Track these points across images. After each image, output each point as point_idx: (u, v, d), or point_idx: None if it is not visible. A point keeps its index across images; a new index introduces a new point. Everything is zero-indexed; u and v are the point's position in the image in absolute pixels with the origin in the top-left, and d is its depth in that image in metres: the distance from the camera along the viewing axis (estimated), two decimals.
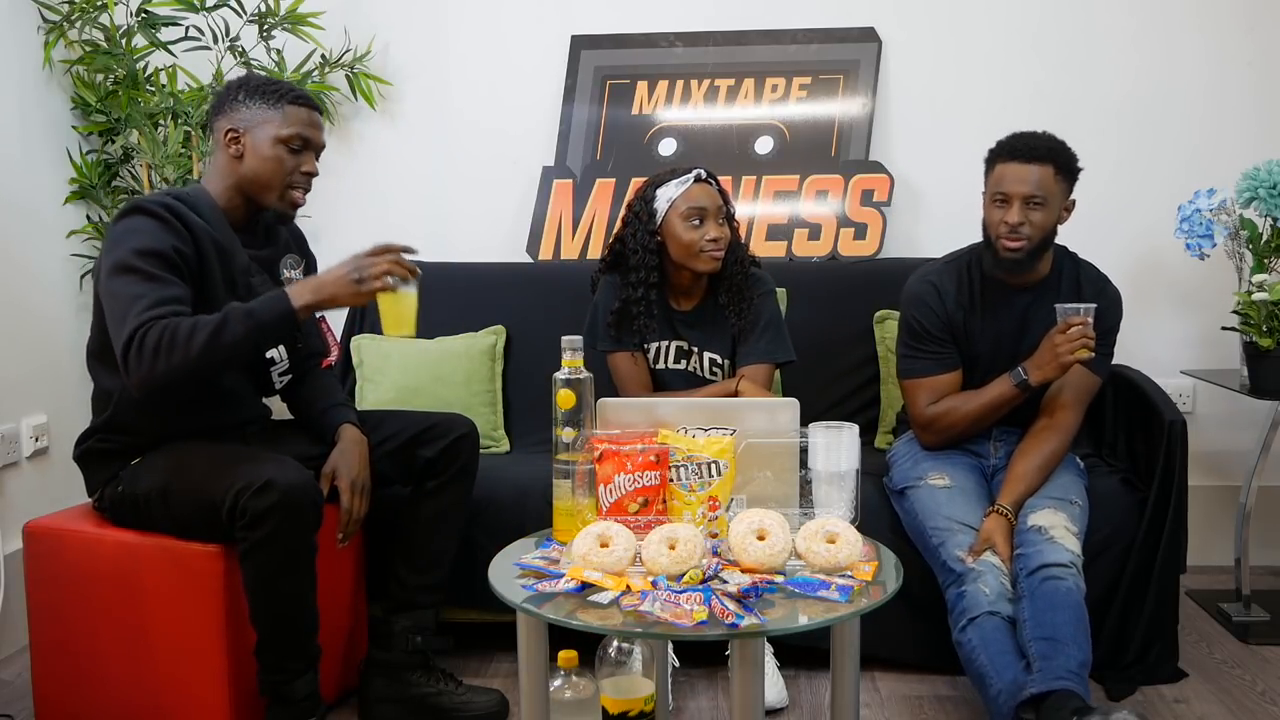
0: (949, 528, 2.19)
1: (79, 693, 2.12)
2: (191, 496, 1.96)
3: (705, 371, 2.47)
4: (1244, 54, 3.04)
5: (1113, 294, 2.37)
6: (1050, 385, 2.29)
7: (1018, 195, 2.24)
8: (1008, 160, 2.27)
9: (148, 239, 1.94)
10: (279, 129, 2.08)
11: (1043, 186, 2.23)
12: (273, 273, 2.19)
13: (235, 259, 2.07)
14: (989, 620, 2.03)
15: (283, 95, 2.10)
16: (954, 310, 2.37)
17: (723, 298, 2.44)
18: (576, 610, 1.50)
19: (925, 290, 2.39)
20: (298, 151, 2.10)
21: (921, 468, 2.35)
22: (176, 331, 1.85)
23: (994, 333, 2.36)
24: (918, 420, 2.40)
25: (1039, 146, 2.25)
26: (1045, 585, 2.02)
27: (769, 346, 2.42)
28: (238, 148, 2.09)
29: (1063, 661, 1.91)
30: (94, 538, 2.09)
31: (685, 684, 2.37)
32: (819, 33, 3.12)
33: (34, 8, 2.83)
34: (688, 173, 2.38)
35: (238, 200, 2.12)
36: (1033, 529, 2.14)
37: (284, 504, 1.86)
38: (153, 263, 1.92)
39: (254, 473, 1.87)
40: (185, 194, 2.08)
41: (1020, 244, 2.25)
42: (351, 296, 1.93)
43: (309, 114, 2.12)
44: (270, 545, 1.88)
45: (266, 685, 1.98)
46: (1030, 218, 2.24)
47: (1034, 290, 2.35)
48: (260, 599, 1.93)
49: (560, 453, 1.77)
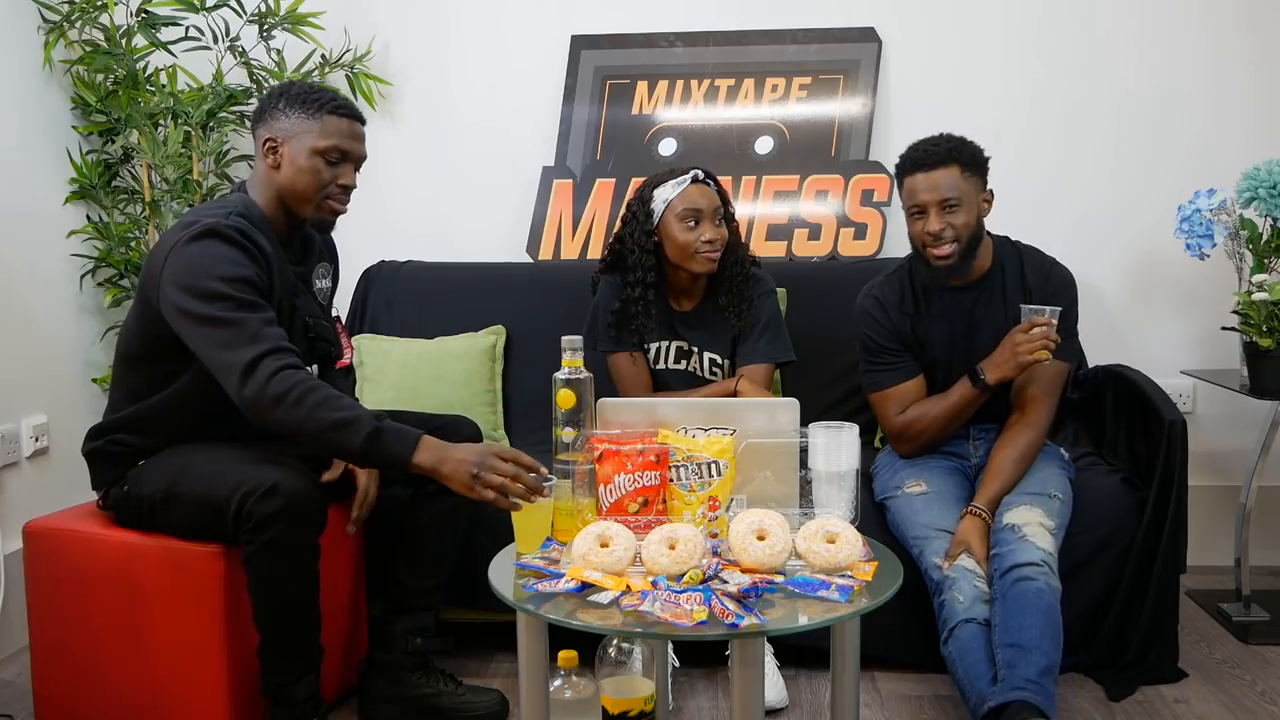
0: (926, 535, 2.20)
1: (79, 693, 2.12)
2: (196, 500, 1.96)
3: (705, 371, 2.47)
4: (1244, 53, 3.04)
5: (1061, 274, 2.37)
6: (1015, 380, 2.30)
7: (932, 203, 2.25)
8: (913, 172, 2.28)
9: (234, 267, 1.92)
10: (316, 140, 2.04)
11: (953, 188, 2.24)
12: (309, 284, 2.18)
13: (286, 278, 2.07)
14: (965, 629, 2.04)
15: (323, 105, 2.05)
16: (900, 320, 2.38)
17: (722, 299, 2.44)
18: (576, 610, 1.50)
19: (869, 305, 2.42)
20: (335, 164, 2.06)
21: (899, 477, 2.36)
22: (308, 394, 1.84)
23: (945, 334, 2.37)
24: (890, 432, 2.42)
25: (938, 150, 2.26)
26: (1016, 587, 2.03)
27: (768, 347, 2.42)
28: (275, 158, 2.06)
29: (1024, 670, 1.92)
30: (94, 538, 2.08)
31: (685, 684, 2.37)
32: (819, 33, 3.12)
33: (34, 8, 2.83)
34: (685, 173, 2.39)
35: (280, 212, 2.09)
36: (1007, 527, 2.15)
37: (289, 508, 1.86)
38: (245, 290, 1.91)
39: (259, 476, 1.87)
40: (242, 209, 2.04)
41: (948, 249, 2.26)
42: (463, 488, 1.84)
43: (350, 125, 2.08)
44: (275, 548, 1.88)
45: (269, 686, 1.98)
46: (950, 221, 2.25)
47: (977, 286, 2.36)
48: (264, 601, 1.93)
49: (560, 453, 1.77)
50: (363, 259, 3.07)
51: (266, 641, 1.96)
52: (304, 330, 2.11)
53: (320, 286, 2.23)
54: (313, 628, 1.99)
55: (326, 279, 2.26)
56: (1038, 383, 2.31)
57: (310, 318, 2.13)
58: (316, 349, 2.16)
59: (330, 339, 2.19)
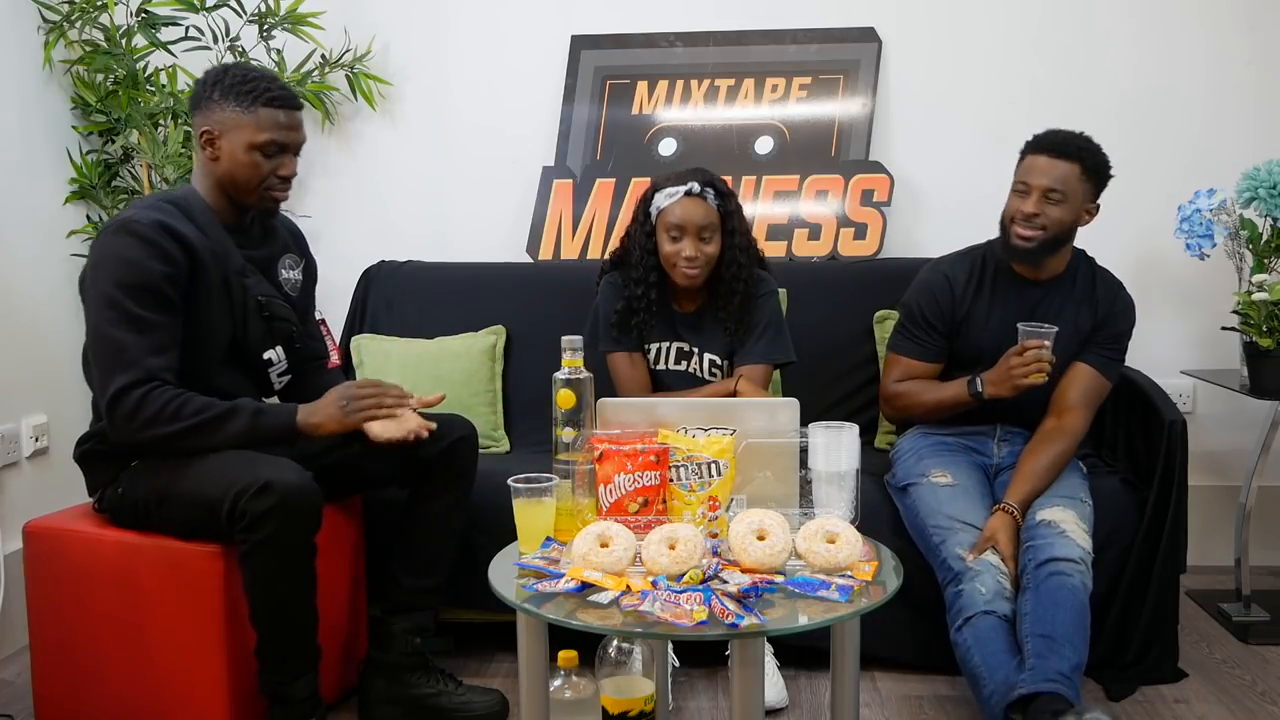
0: (950, 526, 2.19)
1: (79, 693, 2.12)
2: (190, 499, 1.95)
3: (705, 373, 2.47)
4: (1244, 53, 3.04)
5: (1125, 300, 2.42)
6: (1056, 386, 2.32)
7: (1038, 187, 2.29)
8: (1036, 153, 2.33)
9: (133, 271, 1.92)
10: (252, 135, 2.01)
11: (1064, 182, 2.28)
12: (270, 272, 2.18)
13: (230, 260, 2.06)
14: (984, 620, 2.03)
15: (257, 97, 2.01)
16: (960, 298, 2.40)
17: (720, 311, 2.43)
18: (576, 610, 1.50)
19: (935, 280, 2.45)
20: (273, 156, 2.04)
21: (924, 464, 2.35)
22: (183, 405, 1.93)
23: (1000, 322, 2.38)
24: (883, 391, 2.51)
25: (1069, 144, 2.31)
26: (1051, 580, 2.02)
27: (767, 347, 2.42)
28: (213, 150, 2.04)
29: (1055, 662, 1.91)
30: (94, 538, 2.08)
31: (685, 684, 2.37)
32: (819, 33, 3.12)
33: (34, 8, 2.83)
34: (683, 184, 2.34)
35: (223, 201, 2.08)
36: (1043, 523, 2.15)
37: (283, 506, 1.86)
38: (140, 300, 1.92)
39: (252, 475, 1.87)
40: (178, 198, 2.06)
41: (1033, 234, 2.30)
42: (338, 424, 2.03)
43: (285, 115, 2.04)
44: (270, 547, 1.88)
45: (267, 685, 1.98)
46: (1047, 210, 2.29)
47: (1045, 286, 2.39)
48: (260, 600, 1.93)
49: (560, 453, 1.77)
50: (363, 259, 3.07)
51: (263, 640, 1.96)
52: (257, 309, 2.09)
53: (287, 277, 2.20)
54: (309, 627, 1.98)
55: (295, 270, 2.24)
56: (1079, 391, 2.34)
57: (264, 296, 2.10)
58: (276, 329, 2.13)
59: (290, 318, 2.16)
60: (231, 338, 2.08)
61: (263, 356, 2.14)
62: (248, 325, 2.08)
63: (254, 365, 2.14)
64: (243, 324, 2.08)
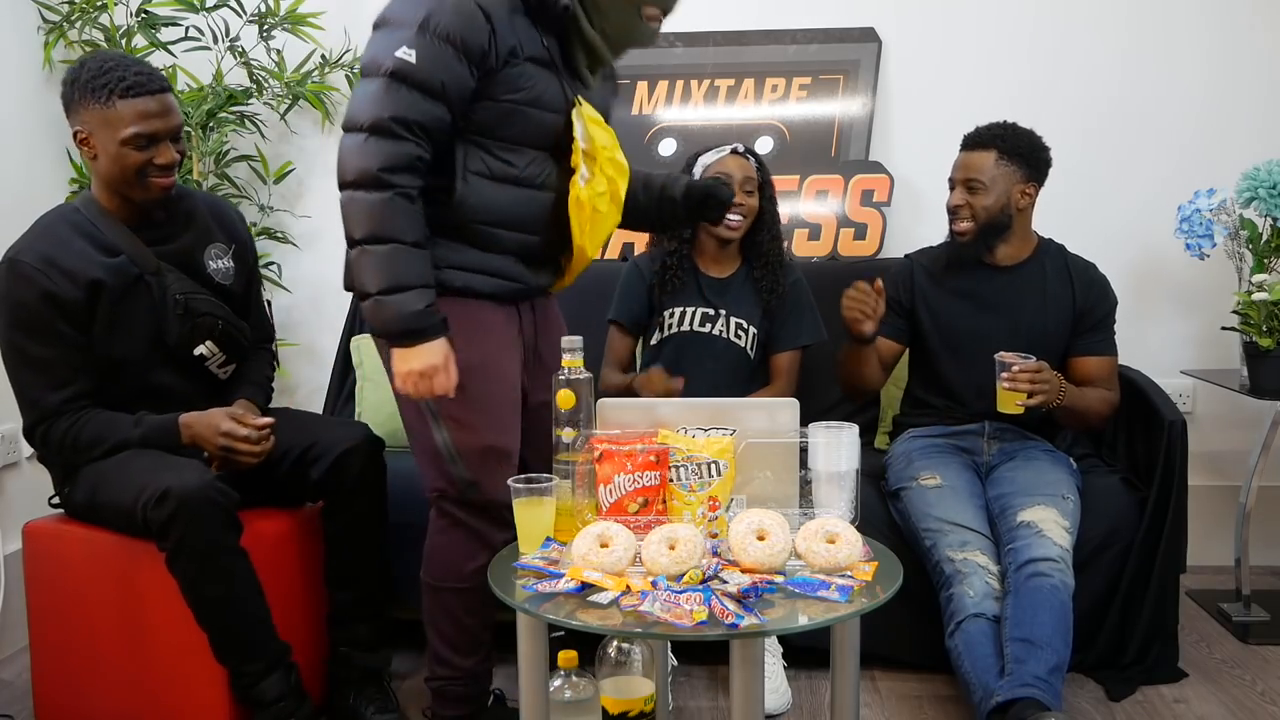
0: (940, 529, 2.20)
1: (79, 693, 2.12)
2: (113, 509, 1.98)
3: (730, 335, 2.54)
4: (1244, 53, 3.04)
5: (1099, 280, 2.48)
6: None
7: (959, 180, 2.43)
8: (960, 151, 2.46)
9: (22, 312, 1.96)
10: (116, 130, 1.93)
11: (981, 171, 2.38)
12: (193, 265, 2.11)
13: (141, 262, 2.02)
14: (973, 624, 2.05)
15: (112, 90, 1.92)
16: (921, 284, 2.51)
17: (757, 270, 2.54)
18: (576, 610, 1.50)
19: (903, 265, 2.58)
20: (144, 148, 1.96)
21: (914, 468, 2.36)
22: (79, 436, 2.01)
23: (961, 308, 2.46)
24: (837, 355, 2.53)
25: (984, 133, 2.42)
26: (1030, 582, 2.04)
27: (795, 331, 2.56)
28: (90, 149, 1.98)
29: (1033, 667, 1.93)
30: (94, 538, 2.08)
31: (685, 684, 2.37)
32: (819, 33, 3.12)
33: (34, 8, 2.83)
34: (727, 146, 2.51)
35: (117, 199, 2.03)
36: (1023, 524, 2.16)
37: (183, 511, 1.85)
38: (36, 338, 1.96)
39: (155, 483, 1.87)
40: (77, 208, 2.03)
41: (965, 226, 2.41)
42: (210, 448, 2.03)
43: (145, 102, 1.94)
44: (184, 552, 1.88)
45: (237, 690, 1.99)
46: (970, 200, 2.40)
47: (1009, 273, 2.46)
48: (194, 604, 1.93)
49: (560, 453, 1.77)
50: None
51: (213, 644, 1.96)
52: (174, 308, 2.05)
53: (216, 267, 2.15)
54: (256, 627, 1.97)
55: (224, 259, 2.17)
56: (1094, 375, 2.42)
57: (182, 294, 2.06)
58: (200, 326, 2.09)
59: (214, 311, 2.11)
60: (157, 339, 2.06)
61: (193, 353, 2.10)
62: (166, 326, 2.05)
63: (187, 364, 2.11)
64: (161, 325, 2.05)
